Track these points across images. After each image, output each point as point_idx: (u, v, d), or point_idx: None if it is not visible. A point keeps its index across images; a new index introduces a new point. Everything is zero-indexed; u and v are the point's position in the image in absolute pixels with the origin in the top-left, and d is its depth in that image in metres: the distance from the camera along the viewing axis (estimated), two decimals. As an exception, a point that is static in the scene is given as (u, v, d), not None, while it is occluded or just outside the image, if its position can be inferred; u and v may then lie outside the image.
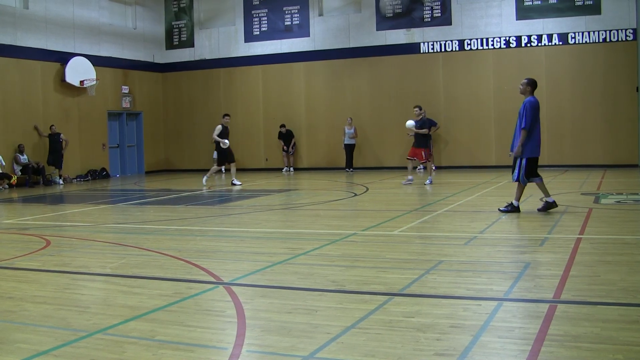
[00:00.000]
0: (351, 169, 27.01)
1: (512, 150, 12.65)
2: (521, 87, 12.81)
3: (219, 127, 21.33)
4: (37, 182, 24.65)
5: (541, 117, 12.61)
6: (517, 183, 12.65)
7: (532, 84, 12.67)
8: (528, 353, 4.79)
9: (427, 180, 19.84)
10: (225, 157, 21.81)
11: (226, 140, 21.07)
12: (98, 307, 6.69)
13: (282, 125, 28.39)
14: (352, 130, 27.04)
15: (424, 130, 19.87)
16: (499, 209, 12.77)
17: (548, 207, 12.49)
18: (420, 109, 20.20)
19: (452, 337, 5.22)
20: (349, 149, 27.20)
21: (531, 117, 12.31)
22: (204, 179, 22.21)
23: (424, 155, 19.89)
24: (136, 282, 7.72)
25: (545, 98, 24.40)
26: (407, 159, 20.45)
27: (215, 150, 23.07)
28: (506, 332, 5.31)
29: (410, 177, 20.08)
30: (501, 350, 4.90)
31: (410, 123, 19.94)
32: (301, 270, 8.11)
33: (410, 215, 12.95)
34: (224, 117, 21.76)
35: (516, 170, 12.50)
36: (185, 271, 8.26)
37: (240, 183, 21.56)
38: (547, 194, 12.60)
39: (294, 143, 28.60)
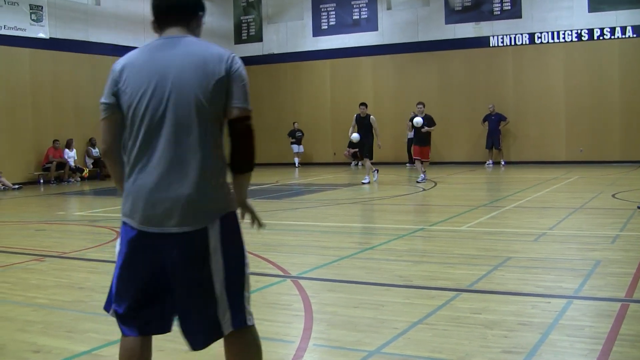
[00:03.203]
0: (408, 165, 26.73)
1: None
2: None
3: (355, 116, 19.46)
4: (108, 175, 25.03)
5: (614, 113, 12.40)
6: None
7: None
8: (598, 353, 4.71)
9: (421, 177, 19.25)
10: (360, 151, 20.27)
11: (355, 134, 18.96)
12: (167, 298, 6.77)
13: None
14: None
15: (432, 128, 19.21)
16: (638, 207, 12.11)
17: None
18: (424, 106, 19.60)
19: (519, 335, 5.16)
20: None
21: None
22: (367, 179, 19.49)
23: (428, 154, 19.38)
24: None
25: (618, 93, 23.93)
26: (415, 159, 19.52)
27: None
28: (576, 330, 5.23)
29: (422, 175, 19.28)
30: (570, 349, 4.83)
31: (419, 120, 18.93)
32: (368, 264, 8.11)
33: (478, 210, 12.83)
34: (359, 106, 19.71)
35: None
36: (252, 264, 8.24)
37: (367, 181, 19.30)
38: None
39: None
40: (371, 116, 19.18)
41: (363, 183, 19.21)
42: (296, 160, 28.91)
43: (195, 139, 3.30)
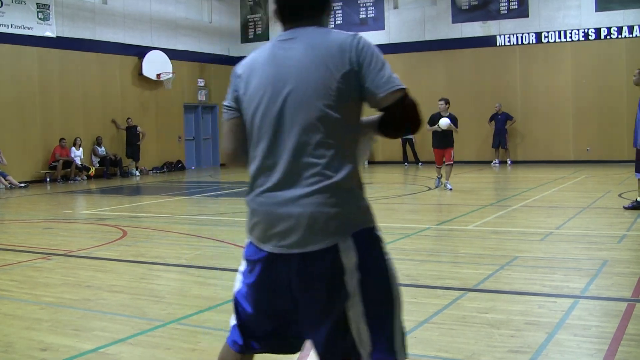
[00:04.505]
0: (420, 163, 26.69)
1: (635, 144, 12.17)
2: (635, 77, 12.24)
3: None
4: (114, 173, 25.13)
5: (621, 113, 12.36)
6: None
7: None
8: (605, 352, 4.70)
9: (448, 185, 16.50)
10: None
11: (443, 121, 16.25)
12: (173, 297, 6.79)
13: None
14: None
15: (454, 128, 16.30)
16: (624, 207, 12.20)
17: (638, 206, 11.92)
18: (447, 103, 16.71)
19: (526, 334, 5.15)
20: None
21: None
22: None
23: (452, 156, 16.52)
24: (211, 274, 7.82)
25: (626, 92, 23.84)
26: (438, 167, 16.86)
27: None
28: (582, 330, 5.22)
29: (438, 179, 16.99)
30: (577, 349, 4.82)
31: (446, 122, 15.92)
32: (374, 264, 8.09)
33: (485, 210, 12.82)
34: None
35: None
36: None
37: (450, 187, 16.57)
38: None
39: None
40: None
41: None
42: None
43: (320, 146, 2.89)
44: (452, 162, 16.49)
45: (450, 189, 16.08)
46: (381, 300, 2.91)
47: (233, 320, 3.21)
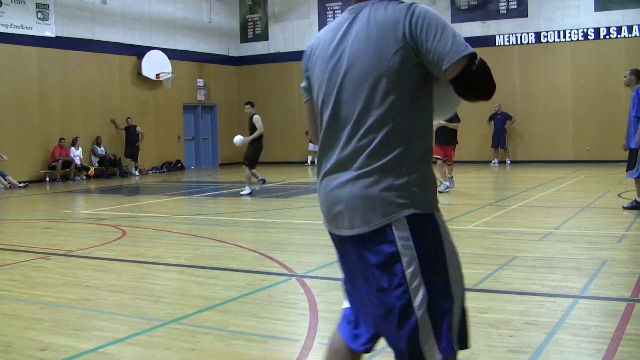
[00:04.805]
0: None
1: (627, 145, 12.16)
2: (625, 79, 12.21)
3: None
4: (113, 173, 25.14)
5: (620, 112, 12.38)
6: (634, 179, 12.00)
7: (636, 74, 12.10)
8: (604, 352, 4.70)
9: (444, 186, 15.97)
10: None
11: (236, 137, 16.68)
12: (172, 297, 6.79)
13: None
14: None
15: (454, 125, 15.69)
16: (623, 207, 12.18)
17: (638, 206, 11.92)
18: None
19: (525, 334, 5.15)
20: None
21: None
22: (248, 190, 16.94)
23: (452, 155, 16.21)
24: (210, 273, 7.82)
25: (625, 92, 23.82)
26: (437, 158, 15.80)
27: None
28: (582, 330, 5.22)
29: (446, 182, 16.17)
30: (576, 349, 4.82)
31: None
32: (373, 263, 8.08)
33: (485, 209, 12.82)
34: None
35: (637, 166, 11.88)
36: (258, 263, 8.33)
37: (248, 191, 16.76)
38: None
39: None
40: (255, 115, 16.77)
41: (242, 194, 16.73)
42: (309, 158, 28.88)
43: (373, 129, 2.76)
44: (451, 163, 16.13)
45: (444, 190, 15.70)
46: (438, 288, 2.79)
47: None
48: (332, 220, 2.92)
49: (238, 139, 16.45)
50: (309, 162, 28.84)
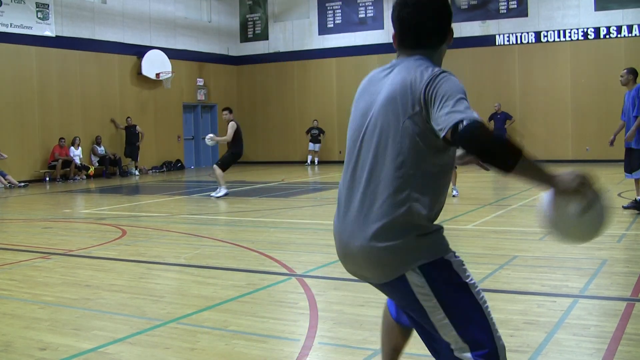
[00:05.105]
0: None
1: (626, 145, 12.14)
2: (622, 78, 12.19)
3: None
4: (113, 173, 25.14)
5: (620, 112, 12.36)
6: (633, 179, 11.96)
7: (634, 73, 12.11)
8: (604, 352, 4.70)
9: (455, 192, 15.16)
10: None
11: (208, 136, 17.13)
12: (172, 296, 6.79)
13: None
14: None
15: None
16: (623, 206, 12.07)
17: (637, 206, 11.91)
18: None
19: (525, 334, 5.15)
20: None
21: None
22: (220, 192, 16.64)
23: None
24: (210, 273, 7.82)
25: (624, 92, 23.84)
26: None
27: None
28: (581, 329, 5.22)
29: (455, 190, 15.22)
30: (576, 348, 4.82)
31: None
32: (373, 263, 8.08)
33: (485, 209, 12.82)
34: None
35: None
36: (258, 262, 8.33)
37: (217, 194, 16.43)
38: None
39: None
40: (231, 122, 16.48)
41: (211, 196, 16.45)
42: (309, 158, 28.87)
43: (386, 182, 2.83)
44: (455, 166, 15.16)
45: (455, 195, 15.03)
46: (465, 321, 2.97)
47: None
48: (344, 262, 3.11)
49: (209, 136, 16.91)
50: (308, 161, 28.86)
